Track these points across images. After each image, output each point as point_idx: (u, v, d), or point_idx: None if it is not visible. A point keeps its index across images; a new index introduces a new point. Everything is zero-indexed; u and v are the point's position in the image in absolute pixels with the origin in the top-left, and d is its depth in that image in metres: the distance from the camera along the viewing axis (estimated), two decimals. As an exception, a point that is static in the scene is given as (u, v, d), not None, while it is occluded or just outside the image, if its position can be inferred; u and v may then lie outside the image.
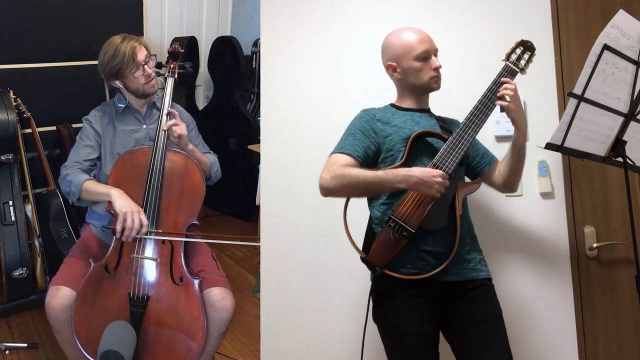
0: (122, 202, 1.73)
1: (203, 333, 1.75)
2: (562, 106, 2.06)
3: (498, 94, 1.61)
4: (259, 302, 2.24)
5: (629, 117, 1.55)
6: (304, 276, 2.18)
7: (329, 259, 2.16)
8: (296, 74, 2.25)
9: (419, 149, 1.66)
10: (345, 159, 1.65)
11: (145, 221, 1.73)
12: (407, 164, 1.62)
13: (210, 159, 2.07)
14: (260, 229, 2.26)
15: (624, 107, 1.54)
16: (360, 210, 1.73)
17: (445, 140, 1.64)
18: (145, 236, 1.78)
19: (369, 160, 1.69)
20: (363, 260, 1.65)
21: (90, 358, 1.72)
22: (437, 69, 1.70)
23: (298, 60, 2.26)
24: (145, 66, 1.94)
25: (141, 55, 1.93)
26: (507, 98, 1.58)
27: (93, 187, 1.82)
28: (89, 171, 1.91)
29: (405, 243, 1.59)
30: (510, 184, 1.77)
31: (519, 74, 1.66)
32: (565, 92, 2.05)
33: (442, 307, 1.65)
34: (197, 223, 1.91)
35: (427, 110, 1.79)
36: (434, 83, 1.71)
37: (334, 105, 2.19)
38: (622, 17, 1.46)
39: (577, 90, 1.45)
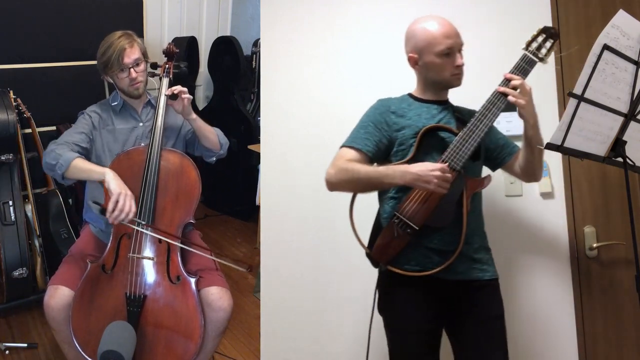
0: (118, 183, 1.72)
1: (200, 332, 1.75)
2: (562, 106, 2.05)
3: (499, 89, 1.57)
4: (259, 302, 2.24)
5: (629, 117, 1.55)
6: (304, 276, 2.18)
7: (329, 259, 2.16)
8: (296, 74, 2.25)
9: (430, 143, 1.62)
10: (352, 154, 1.64)
11: (134, 208, 1.72)
12: (417, 158, 1.59)
13: (215, 130, 2.07)
14: (260, 229, 2.26)
15: (624, 107, 1.54)
16: (368, 204, 1.70)
17: (457, 135, 1.60)
18: (143, 229, 1.78)
19: (381, 153, 1.66)
20: (367, 255, 1.64)
21: (88, 358, 1.71)
22: (459, 67, 1.65)
23: (298, 60, 2.26)
24: (132, 69, 1.92)
25: (129, 58, 1.91)
26: (511, 97, 1.54)
27: (84, 164, 1.78)
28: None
29: (409, 240, 1.58)
30: (529, 173, 1.71)
31: (538, 64, 1.60)
32: (565, 92, 2.05)
33: (447, 305, 1.64)
34: (193, 222, 1.91)
35: (446, 102, 1.74)
36: (455, 80, 1.67)
37: (334, 105, 2.19)
38: (622, 17, 1.46)
39: (577, 90, 1.45)
